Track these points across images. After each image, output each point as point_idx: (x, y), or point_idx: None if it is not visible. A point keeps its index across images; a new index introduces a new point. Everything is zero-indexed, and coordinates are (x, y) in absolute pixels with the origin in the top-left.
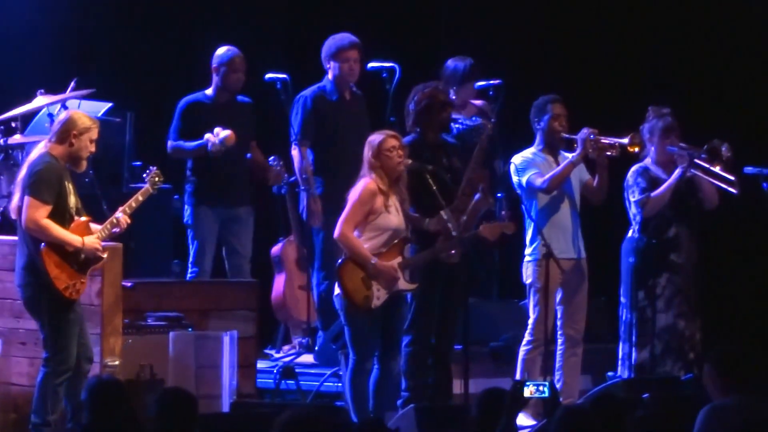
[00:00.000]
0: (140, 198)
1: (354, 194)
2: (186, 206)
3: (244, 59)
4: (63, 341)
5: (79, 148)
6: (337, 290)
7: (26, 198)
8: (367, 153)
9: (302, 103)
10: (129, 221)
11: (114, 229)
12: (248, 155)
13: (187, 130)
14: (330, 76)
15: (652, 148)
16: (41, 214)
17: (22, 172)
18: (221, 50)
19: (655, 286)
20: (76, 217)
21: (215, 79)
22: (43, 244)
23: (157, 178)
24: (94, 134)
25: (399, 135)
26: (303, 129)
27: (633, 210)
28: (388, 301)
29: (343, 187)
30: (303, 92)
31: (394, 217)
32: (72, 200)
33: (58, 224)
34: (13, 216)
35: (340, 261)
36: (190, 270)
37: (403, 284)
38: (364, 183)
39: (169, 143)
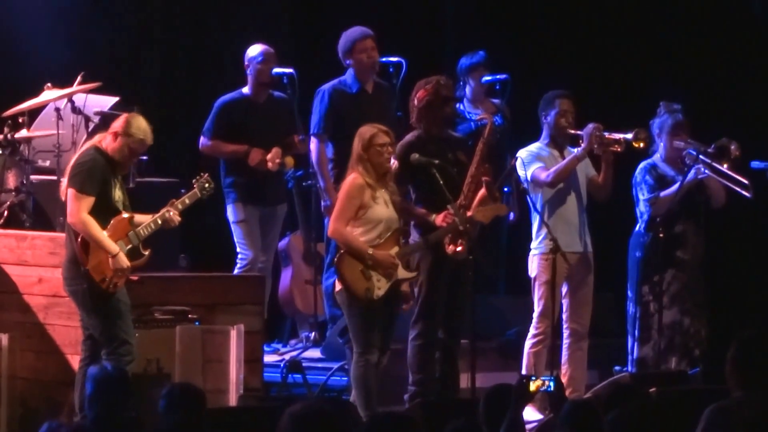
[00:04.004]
0: (187, 201)
1: (342, 190)
2: (229, 205)
3: (275, 54)
4: (117, 331)
5: (122, 150)
6: (338, 286)
7: (69, 191)
8: (357, 145)
9: (321, 96)
10: (179, 219)
11: (164, 227)
12: (302, 137)
13: (225, 128)
14: (350, 71)
15: (661, 144)
16: (83, 207)
17: (70, 163)
18: (251, 48)
19: (660, 281)
20: (122, 212)
21: (249, 76)
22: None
23: (207, 185)
24: (142, 146)
25: (391, 131)
26: (321, 122)
27: (641, 208)
28: (389, 293)
29: None
30: (323, 85)
31: (383, 208)
32: (117, 194)
33: (101, 217)
34: (63, 198)
35: (337, 256)
36: (240, 256)
37: (402, 272)
38: (351, 178)
39: (203, 140)
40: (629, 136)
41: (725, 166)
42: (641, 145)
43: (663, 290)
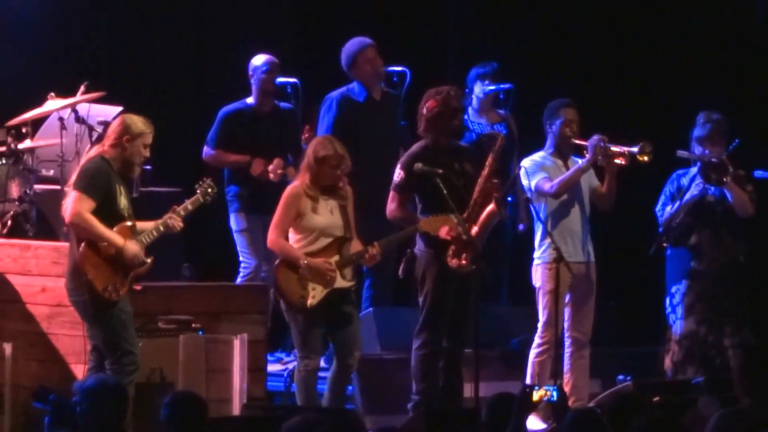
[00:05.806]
0: (189, 207)
1: (280, 201)
2: (232, 214)
3: (279, 64)
4: (119, 341)
5: (131, 153)
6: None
7: (72, 192)
8: (310, 154)
9: (329, 105)
10: (182, 225)
11: (167, 232)
12: (290, 160)
13: (229, 138)
14: (356, 80)
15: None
16: (85, 208)
17: (76, 171)
18: (256, 58)
19: (676, 293)
20: (126, 220)
21: (253, 86)
22: (83, 243)
23: (210, 190)
24: (147, 139)
25: (345, 149)
26: (329, 132)
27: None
28: (329, 301)
29: (370, 188)
30: (330, 94)
31: (322, 217)
32: (122, 202)
33: (106, 223)
34: (66, 217)
35: (276, 263)
36: (243, 265)
37: (339, 282)
38: (288, 188)
39: (207, 150)
40: (634, 149)
41: (713, 178)
42: (645, 158)
43: (678, 302)
